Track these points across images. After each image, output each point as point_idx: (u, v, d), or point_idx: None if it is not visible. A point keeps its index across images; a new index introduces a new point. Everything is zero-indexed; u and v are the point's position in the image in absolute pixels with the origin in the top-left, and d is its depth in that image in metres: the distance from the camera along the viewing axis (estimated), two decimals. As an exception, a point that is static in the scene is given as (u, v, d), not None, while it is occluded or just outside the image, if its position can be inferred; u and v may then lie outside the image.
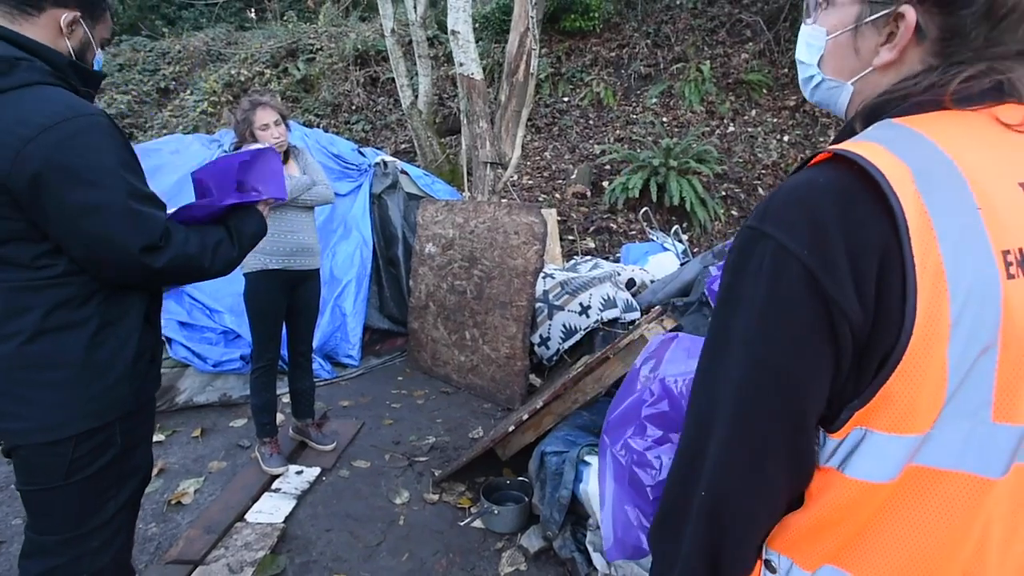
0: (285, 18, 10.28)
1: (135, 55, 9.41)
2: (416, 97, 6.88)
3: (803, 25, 0.76)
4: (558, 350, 3.55)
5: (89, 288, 1.19)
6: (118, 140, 1.17)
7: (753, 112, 7.72)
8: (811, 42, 0.74)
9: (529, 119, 6.16)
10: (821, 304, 0.54)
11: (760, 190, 6.77)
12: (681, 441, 0.67)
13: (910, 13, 0.62)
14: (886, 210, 0.53)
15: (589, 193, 6.76)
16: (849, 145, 0.58)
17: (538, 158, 7.49)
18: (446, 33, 8.28)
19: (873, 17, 0.65)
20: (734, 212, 6.55)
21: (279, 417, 2.92)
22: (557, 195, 6.76)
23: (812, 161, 0.61)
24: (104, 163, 1.11)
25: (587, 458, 2.12)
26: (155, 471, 2.71)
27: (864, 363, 0.56)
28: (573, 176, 6.94)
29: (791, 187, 0.59)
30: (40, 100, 1.07)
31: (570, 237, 6.06)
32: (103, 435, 1.26)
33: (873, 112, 0.65)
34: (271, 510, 2.44)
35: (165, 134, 7.16)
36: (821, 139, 7.29)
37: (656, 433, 1.24)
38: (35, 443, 1.19)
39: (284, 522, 2.37)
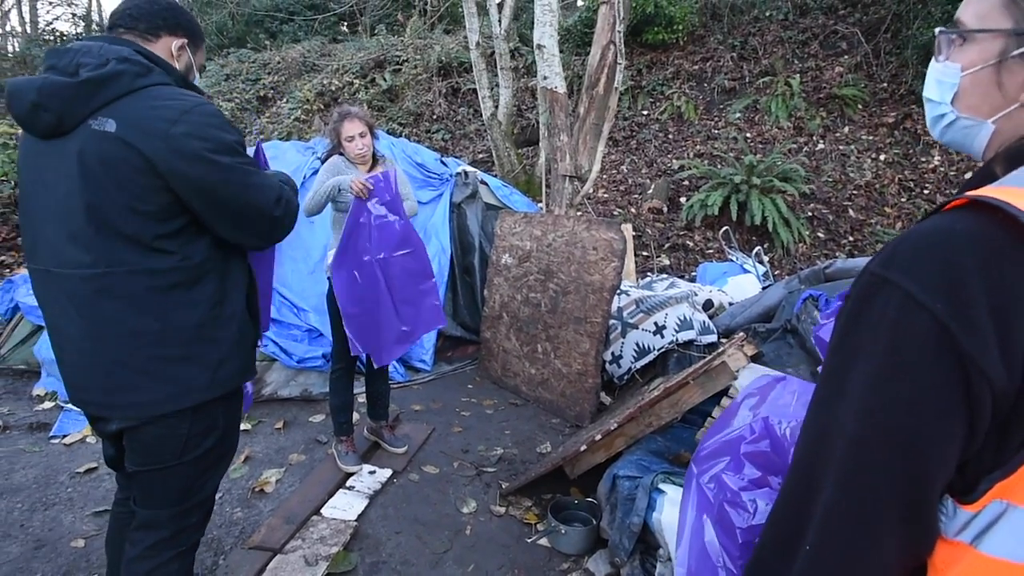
0: (376, 31, 10.75)
1: (240, 66, 10.15)
2: (496, 108, 7.00)
3: (933, 62, 0.71)
4: (630, 369, 3.49)
5: (197, 272, 1.35)
6: (229, 123, 1.39)
7: (846, 129, 7.31)
8: (943, 79, 0.69)
9: (608, 132, 6.11)
10: (955, 363, 0.50)
11: (851, 211, 6.39)
12: (785, 490, 0.64)
13: None
14: None
15: (666, 209, 6.61)
16: (991, 191, 0.53)
17: (614, 171, 7.42)
18: (527, 46, 8.39)
19: (1023, 50, 0.60)
20: (820, 234, 6.22)
21: (355, 416, 3.03)
22: (632, 209, 6.66)
23: (946, 207, 0.56)
24: (230, 138, 1.32)
25: (661, 486, 2.06)
26: (241, 459, 2.88)
27: (1008, 430, 0.51)
28: (650, 191, 6.82)
29: (922, 233, 0.55)
30: (173, 94, 1.29)
31: (644, 253, 5.95)
32: (210, 417, 1.41)
33: (1019, 155, 0.60)
34: (345, 507, 2.53)
35: (262, 139, 7.66)
36: (923, 159, 6.80)
37: (754, 473, 1.19)
38: (160, 415, 1.33)
39: (357, 520, 2.45)
